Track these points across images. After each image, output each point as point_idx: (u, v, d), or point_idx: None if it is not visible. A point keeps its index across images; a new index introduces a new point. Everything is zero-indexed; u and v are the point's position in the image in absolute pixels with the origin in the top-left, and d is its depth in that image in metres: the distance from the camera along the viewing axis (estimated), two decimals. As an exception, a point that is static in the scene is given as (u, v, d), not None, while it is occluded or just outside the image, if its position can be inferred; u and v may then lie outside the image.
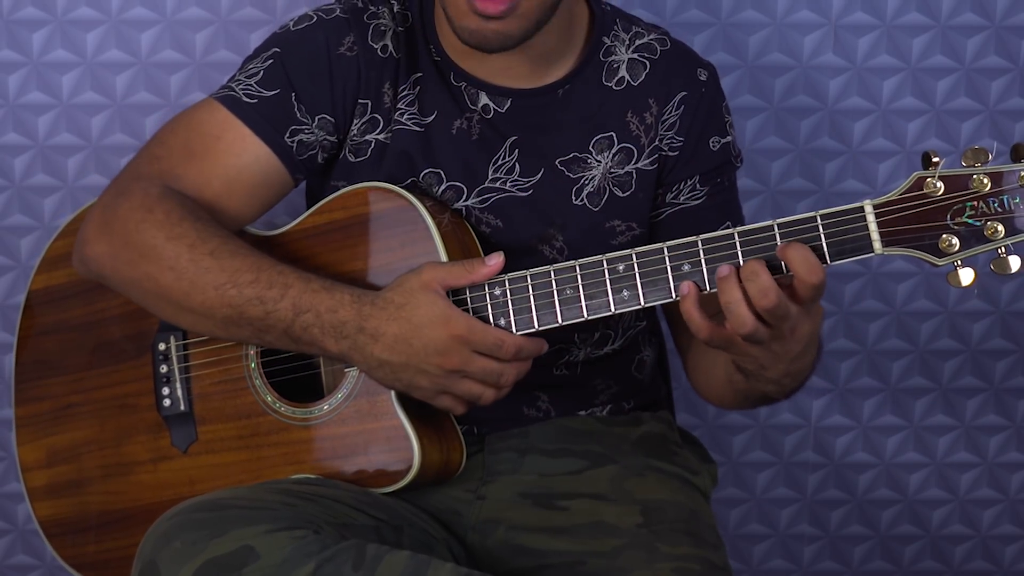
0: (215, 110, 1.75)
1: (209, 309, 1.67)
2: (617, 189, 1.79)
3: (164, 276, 1.68)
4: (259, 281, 1.66)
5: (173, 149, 1.77)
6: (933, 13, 2.20)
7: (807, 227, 1.52)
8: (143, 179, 1.74)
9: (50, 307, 1.90)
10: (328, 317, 1.64)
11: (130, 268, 1.70)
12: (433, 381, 1.63)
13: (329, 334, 1.64)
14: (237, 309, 1.66)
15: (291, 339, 1.66)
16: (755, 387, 1.66)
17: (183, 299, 1.68)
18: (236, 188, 1.75)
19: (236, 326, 1.68)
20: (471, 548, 1.75)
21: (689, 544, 1.70)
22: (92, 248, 1.74)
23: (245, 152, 1.75)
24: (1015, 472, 2.39)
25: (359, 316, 1.63)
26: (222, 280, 1.66)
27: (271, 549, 1.47)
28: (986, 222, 1.48)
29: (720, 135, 1.82)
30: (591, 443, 1.83)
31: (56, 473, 1.88)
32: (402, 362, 1.63)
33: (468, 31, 1.66)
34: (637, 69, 1.81)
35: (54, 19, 2.19)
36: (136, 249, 1.69)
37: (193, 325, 1.72)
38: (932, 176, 1.50)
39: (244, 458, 1.75)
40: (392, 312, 1.63)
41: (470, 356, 1.62)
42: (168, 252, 1.67)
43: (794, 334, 1.53)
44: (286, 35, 1.77)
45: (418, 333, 1.61)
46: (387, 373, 1.64)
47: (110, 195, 1.75)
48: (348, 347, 1.64)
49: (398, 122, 1.76)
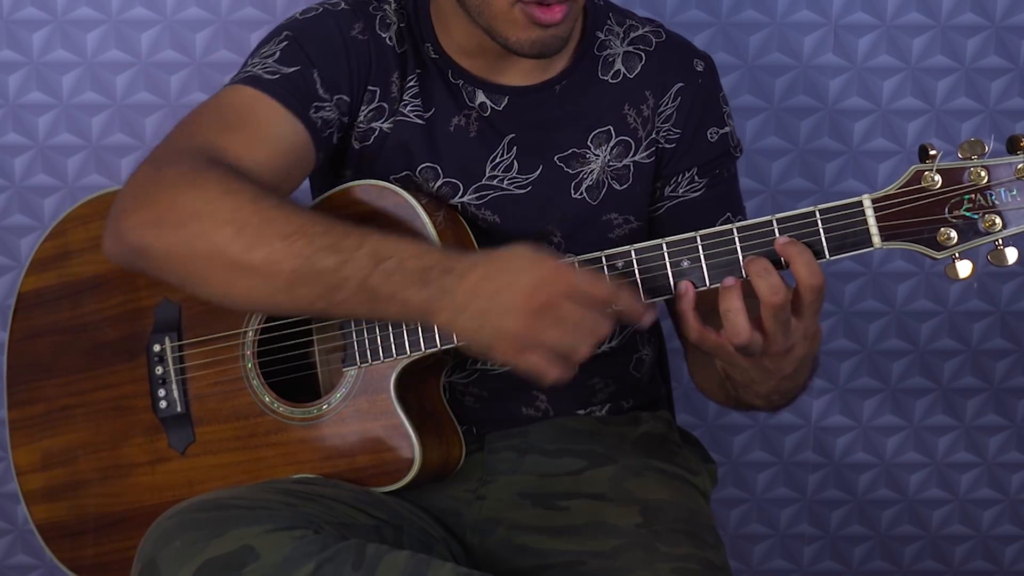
0: (240, 90, 1.70)
1: (274, 264, 1.52)
2: (615, 182, 1.79)
3: (220, 231, 1.53)
4: (332, 231, 1.53)
5: (208, 125, 1.67)
6: (933, 13, 2.20)
7: (806, 222, 1.52)
8: (185, 151, 1.62)
9: (41, 309, 1.89)
10: (412, 263, 1.52)
11: (177, 230, 1.55)
12: (520, 324, 1.48)
13: (413, 280, 1.51)
14: (307, 261, 1.52)
15: (368, 294, 1.52)
16: (743, 398, 1.66)
17: (242, 255, 1.53)
18: (278, 159, 1.67)
19: (303, 284, 1.53)
20: (471, 548, 1.75)
21: (689, 544, 1.70)
22: (132, 217, 1.58)
23: (280, 123, 1.68)
24: (1015, 472, 2.39)
25: (446, 259, 1.52)
26: (290, 230, 1.53)
27: (271, 549, 1.47)
28: (984, 215, 1.49)
29: (718, 126, 1.82)
30: (591, 443, 1.83)
31: (52, 476, 1.87)
32: (489, 300, 1.49)
33: (529, 42, 1.66)
34: (633, 61, 1.81)
35: (54, 19, 2.19)
36: (186, 209, 1.55)
37: (249, 293, 1.56)
38: (930, 169, 1.50)
39: (243, 459, 1.75)
40: (481, 255, 1.54)
41: (564, 296, 1.48)
42: (226, 205, 1.54)
43: (789, 354, 1.53)
44: (295, 22, 1.76)
45: (508, 265, 1.50)
46: (472, 318, 1.50)
47: (147, 168, 1.61)
48: (433, 293, 1.51)
49: (401, 113, 1.76)
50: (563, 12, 1.64)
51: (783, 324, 1.49)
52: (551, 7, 1.63)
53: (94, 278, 1.85)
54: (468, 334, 1.52)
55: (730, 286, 1.50)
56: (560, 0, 1.63)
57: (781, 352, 1.52)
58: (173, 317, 1.80)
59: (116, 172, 2.24)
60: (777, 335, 1.50)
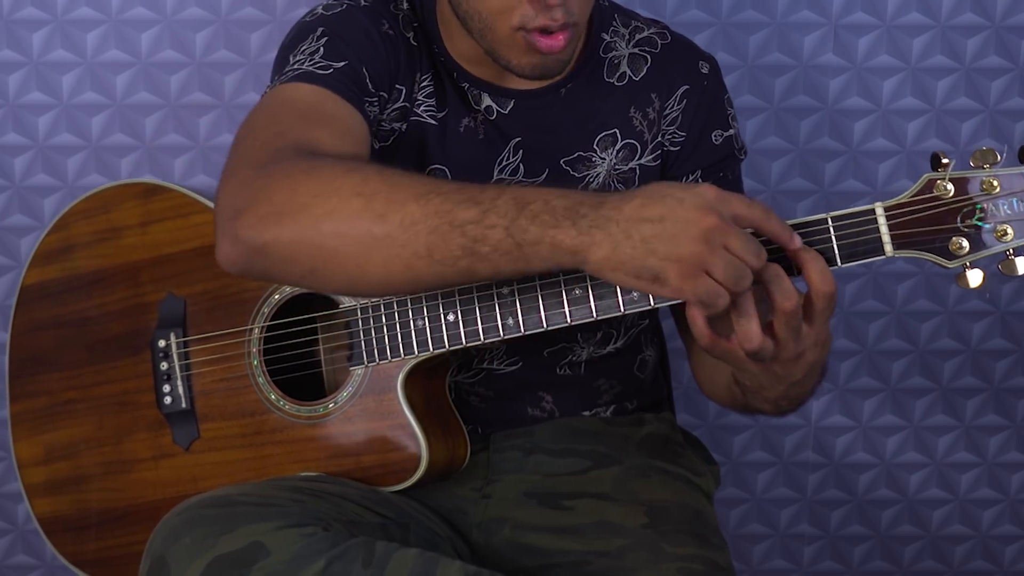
0: (297, 87, 1.64)
1: (412, 225, 1.43)
2: (621, 186, 1.79)
3: (349, 205, 1.45)
4: (467, 188, 1.45)
5: (291, 123, 1.59)
6: (933, 13, 2.20)
7: (818, 229, 1.51)
8: (284, 148, 1.53)
9: (44, 302, 1.89)
10: (560, 202, 1.42)
11: (299, 217, 1.46)
12: (696, 245, 1.38)
13: (563, 216, 1.41)
14: (447, 217, 1.43)
15: (514, 240, 1.42)
16: (751, 403, 1.66)
17: (376, 224, 1.44)
18: (361, 150, 1.63)
19: (444, 242, 1.43)
20: (476, 547, 1.75)
21: (694, 545, 1.70)
22: (247, 216, 1.48)
23: (349, 115, 1.64)
24: (1015, 472, 2.39)
25: (596, 196, 1.43)
26: (424, 190, 1.45)
27: (281, 546, 1.47)
28: (996, 224, 1.49)
29: (723, 128, 1.82)
30: (595, 443, 1.83)
31: (54, 470, 1.87)
32: (656, 223, 1.39)
33: (531, 67, 1.66)
34: (638, 64, 1.81)
35: (54, 19, 2.19)
36: (308, 192, 1.46)
37: (385, 265, 1.46)
38: (942, 178, 1.50)
39: (248, 456, 1.74)
40: (632, 189, 1.46)
41: (728, 217, 1.40)
42: (352, 179, 1.46)
43: (799, 360, 1.52)
44: (322, 18, 1.72)
45: (670, 192, 1.41)
46: (637, 245, 1.39)
47: (247, 170, 1.53)
48: (589, 225, 1.40)
49: (415, 113, 1.76)
50: (565, 39, 1.64)
51: (795, 330, 1.48)
52: (553, 35, 1.63)
53: (97, 272, 1.85)
54: (633, 264, 1.40)
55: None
56: (562, 28, 1.63)
57: (792, 358, 1.51)
58: (178, 312, 1.80)
59: (116, 172, 2.24)
60: (788, 341, 1.49)
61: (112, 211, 1.86)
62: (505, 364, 1.80)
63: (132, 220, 1.85)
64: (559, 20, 1.62)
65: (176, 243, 1.82)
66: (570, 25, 1.64)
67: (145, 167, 2.24)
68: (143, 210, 1.85)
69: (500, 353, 1.79)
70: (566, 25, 1.63)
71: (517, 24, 1.62)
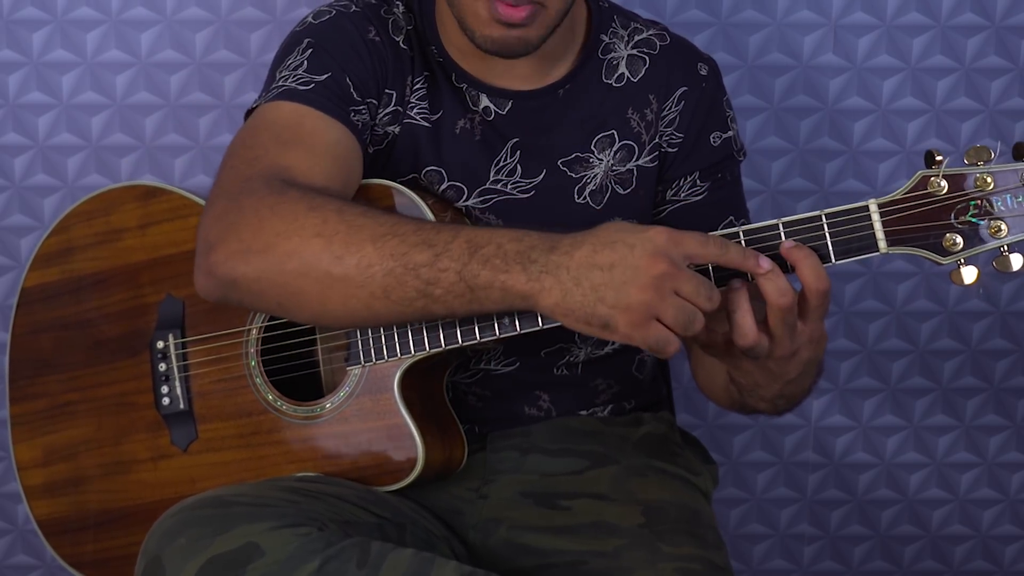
0: (278, 107, 1.68)
1: (367, 268, 1.49)
2: (619, 187, 1.79)
3: (310, 246, 1.51)
4: (424, 228, 1.50)
5: (266, 146, 1.64)
6: (933, 13, 2.20)
7: (812, 226, 1.52)
8: (255, 178, 1.59)
9: (44, 304, 1.89)
10: (512, 246, 1.46)
11: (266, 255, 1.53)
12: (644, 294, 1.41)
13: (514, 261, 1.45)
14: (401, 260, 1.48)
15: (466, 284, 1.47)
16: (748, 402, 1.66)
17: (335, 265, 1.50)
18: (339, 165, 1.65)
19: (399, 284, 1.49)
20: (473, 547, 1.75)
21: (691, 544, 1.70)
22: (219, 251, 1.56)
23: (328, 130, 1.66)
24: (1015, 472, 2.39)
25: (548, 239, 1.46)
26: (381, 232, 1.50)
27: (276, 546, 1.47)
28: (989, 221, 1.49)
29: (721, 130, 1.82)
30: (592, 443, 1.83)
31: (53, 471, 1.87)
32: (605, 272, 1.42)
33: (491, 40, 1.66)
34: (637, 65, 1.81)
35: (54, 19, 2.19)
36: (272, 230, 1.53)
37: (345, 303, 1.52)
38: (936, 175, 1.50)
39: (245, 456, 1.75)
40: (585, 231, 1.46)
41: (679, 261, 1.43)
42: (312, 219, 1.51)
43: (794, 357, 1.53)
44: (310, 28, 1.75)
45: (620, 238, 1.43)
46: (587, 293, 1.43)
47: (222, 201, 1.59)
48: (539, 271, 1.44)
49: (408, 116, 1.76)
50: (527, 12, 1.63)
51: (789, 327, 1.49)
52: (513, 7, 1.63)
53: (97, 274, 1.85)
54: (583, 312, 1.43)
55: (737, 288, 1.49)
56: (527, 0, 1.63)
57: (787, 355, 1.52)
58: (177, 314, 1.80)
59: (116, 172, 2.24)
60: (783, 338, 1.50)
61: (112, 213, 1.87)
62: (502, 365, 1.80)
63: (132, 222, 1.86)
64: None
65: (175, 245, 1.82)
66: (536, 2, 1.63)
67: (145, 167, 2.24)
68: (143, 212, 1.85)
69: (498, 354, 1.80)
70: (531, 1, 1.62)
71: None
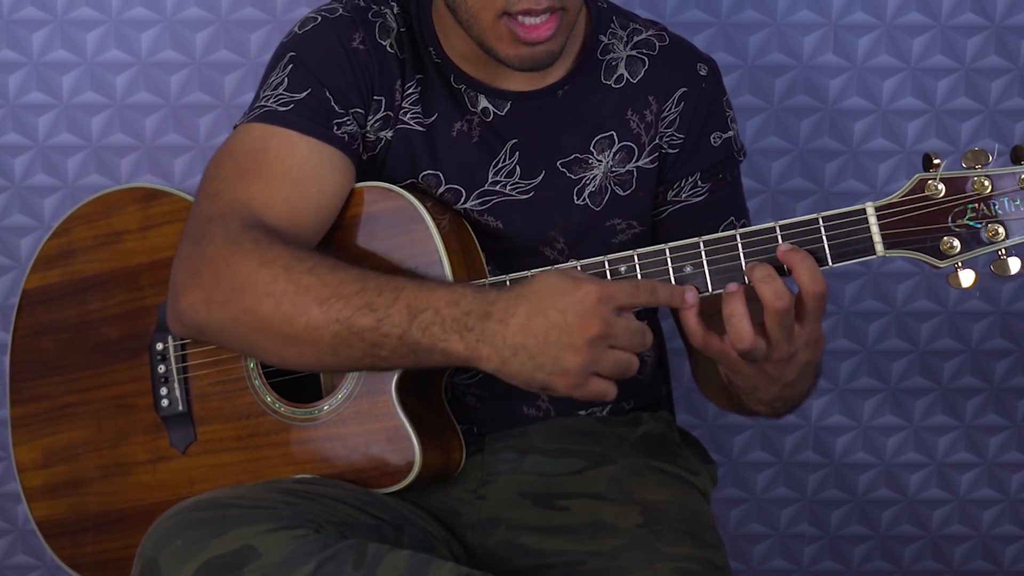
0: (251, 130, 1.71)
1: (315, 330, 1.56)
2: (618, 188, 1.79)
3: (262, 305, 1.58)
4: (366, 290, 1.56)
5: (227, 179, 1.68)
6: (933, 13, 2.20)
7: (809, 229, 1.52)
8: (215, 219, 1.65)
9: (45, 307, 1.89)
10: (449, 311, 1.52)
11: (225, 307, 1.60)
12: (580, 357, 1.48)
13: (452, 330, 1.52)
14: (346, 324, 1.55)
15: (408, 347, 1.54)
16: (746, 405, 1.66)
17: (285, 326, 1.57)
18: (305, 186, 1.68)
19: (346, 345, 1.56)
20: (471, 548, 1.75)
21: (689, 544, 1.70)
22: (184, 299, 1.63)
23: (296, 151, 1.69)
24: (1015, 472, 2.39)
25: (483, 303, 1.52)
26: (326, 294, 1.56)
27: (272, 548, 1.47)
28: (987, 224, 1.49)
29: (721, 131, 1.82)
30: (591, 443, 1.83)
31: (53, 473, 1.87)
32: (540, 340, 1.48)
33: (519, 59, 1.66)
34: (636, 66, 1.80)
35: (54, 19, 2.19)
36: (229, 285, 1.60)
37: (300, 357, 1.60)
38: (933, 178, 1.50)
39: (243, 458, 1.75)
40: (518, 290, 1.51)
41: (611, 316, 1.49)
42: (263, 278, 1.58)
43: (792, 360, 1.53)
44: (295, 40, 1.76)
45: (552, 302, 1.49)
46: (524, 362, 1.50)
47: (188, 245, 1.66)
48: (475, 340, 1.51)
49: (401, 120, 1.76)
50: (550, 29, 1.63)
51: (787, 330, 1.49)
52: (538, 27, 1.63)
53: (98, 276, 1.85)
54: (522, 378, 1.51)
55: (733, 291, 1.50)
56: (547, 12, 1.62)
57: (784, 358, 1.52)
58: (176, 316, 1.80)
59: (116, 172, 2.24)
60: (780, 341, 1.50)
61: (113, 216, 1.87)
62: None
63: (132, 224, 1.86)
64: (542, 3, 1.61)
65: (175, 247, 1.81)
66: (557, 10, 1.63)
67: (145, 167, 2.24)
68: (143, 214, 1.85)
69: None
70: (551, 9, 1.63)
71: (501, 8, 1.63)
